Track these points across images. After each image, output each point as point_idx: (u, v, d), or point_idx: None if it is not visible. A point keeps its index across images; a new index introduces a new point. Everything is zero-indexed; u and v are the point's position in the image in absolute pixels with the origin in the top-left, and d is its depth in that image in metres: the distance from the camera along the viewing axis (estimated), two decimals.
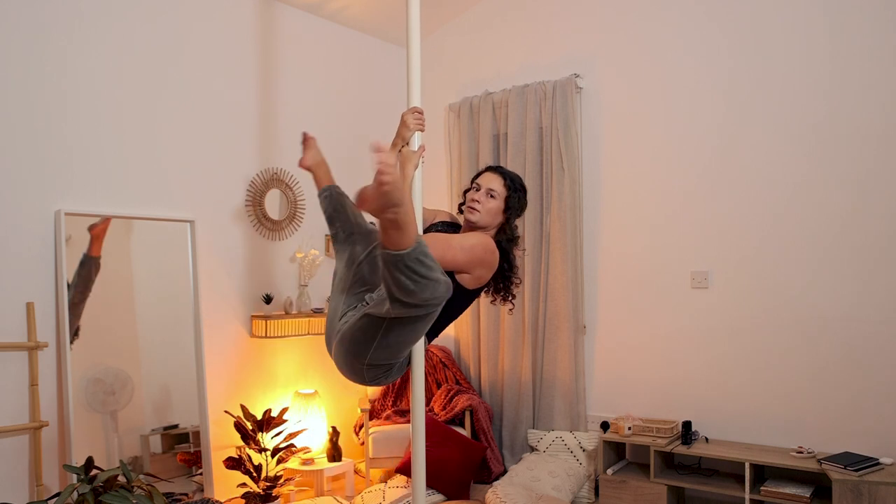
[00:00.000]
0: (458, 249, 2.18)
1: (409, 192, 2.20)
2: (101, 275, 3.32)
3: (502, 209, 2.32)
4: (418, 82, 2.24)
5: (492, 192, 2.30)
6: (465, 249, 2.19)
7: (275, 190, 4.12)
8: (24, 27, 3.03)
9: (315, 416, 3.96)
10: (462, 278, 2.22)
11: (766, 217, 3.63)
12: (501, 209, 2.32)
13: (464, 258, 2.19)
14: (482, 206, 2.29)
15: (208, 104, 3.77)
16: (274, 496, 3.47)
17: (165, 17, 3.57)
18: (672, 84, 3.93)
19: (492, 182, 2.32)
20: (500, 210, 2.32)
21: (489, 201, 2.29)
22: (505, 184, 2.32)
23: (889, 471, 3.08)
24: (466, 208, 2.32)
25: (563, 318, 4.14)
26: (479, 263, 2.22)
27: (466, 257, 2.19)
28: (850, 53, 3.40)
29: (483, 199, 2.29)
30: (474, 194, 2.32)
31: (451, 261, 2.17)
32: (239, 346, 3.91)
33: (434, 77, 4.81)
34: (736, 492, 3.37)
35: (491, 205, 2.29)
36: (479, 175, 2.38)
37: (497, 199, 2.30)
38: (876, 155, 3.34)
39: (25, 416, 2.99)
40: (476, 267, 2.22)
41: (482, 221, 2.29)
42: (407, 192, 2.19)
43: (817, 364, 3.47)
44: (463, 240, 2.22)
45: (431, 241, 2.16)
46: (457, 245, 2.18)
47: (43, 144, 3.09)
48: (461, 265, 2.20)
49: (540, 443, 4.07)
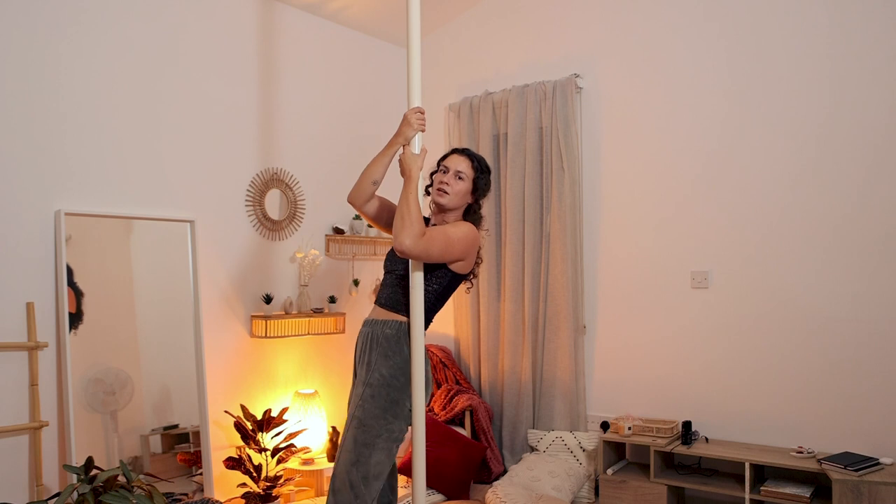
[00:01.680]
0: (456, 242, 2.25)
1: (417, 194, 2.23)
2: (101, 275, 3.32)
3: (470, 190, 2.38)
4: (418, 82, 2.25)
5: (459, 173, 2.34)
6: (462, 241, 2.26)
7: (275, 190, 4.12)
8: (24, 27, 3.03)
9: (315, 416, 3.96)
10: (456, 266, 2.31)
11: (766, 217, 3.63)
12: (469, 190, 2.37)
13: (461, 249, 2.27)
14: (451, 189, 2.34)
15: (208, 104, 3.77)
16: (274, 496, 3.48)
17: (165, 17, 3.57)
18: (672, 84, 3.93)
19: (459, 164, 2.36)
20: (468, 191, 2.38)
21: (457, 183, 2.34)
22: (472, 165, 2.37)
23: (889, 471, 3.08)
24: (435, 191, 2.37)
25: (563, 318, 4.14)
26: (472, 250, 2.31)
27: (463, 248, 2.27)
28: (851, 53, 3.40)
29: (452, 181, 2.34)
30: (442, 176, 2.36)
31: (451, 254, 2.25)
32: (239, 346, 3.91)
33: (434, 77, 4.81)
34: (736, 492, 3.37)
35: (459, 187, 2.34)
36: (445, 157, 2.42)
37: (465, 180, 2.35)
38: (876, 155, 3.34)
39: (25, 416, 2.99)
40: (469, 254, 2.32)
41: (451, 203, 2.35)
42: (414, 193, 2.22)
43: (817, 364, 3.47)
44: (456, 231, 2.28)
45: (435, 236, 2.23)
46: (455, 239, 2.25)
47: (43, 144, 3.09)
48: (459, 256, 2.27)
49: (540, 443, 4.07)
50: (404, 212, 2.17)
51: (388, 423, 2.24)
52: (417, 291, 2.23)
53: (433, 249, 2.20)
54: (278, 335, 3.90)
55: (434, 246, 2.20)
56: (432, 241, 2.20)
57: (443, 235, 2.24)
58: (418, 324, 2.24)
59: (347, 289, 4.52)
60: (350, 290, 4.51)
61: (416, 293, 2.23)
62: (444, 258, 2.25)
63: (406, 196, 2.20)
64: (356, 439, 2.23)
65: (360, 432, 2.23)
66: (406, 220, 2.16)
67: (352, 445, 2.22)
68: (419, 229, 2.16)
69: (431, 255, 2.20)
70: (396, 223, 2.17)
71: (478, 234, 2.36)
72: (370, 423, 2.23)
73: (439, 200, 2.36)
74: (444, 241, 2.23)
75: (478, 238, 2.35)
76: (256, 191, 4.00)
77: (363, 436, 2.22)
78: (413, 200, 2.20)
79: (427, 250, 2.18)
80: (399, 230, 2.15)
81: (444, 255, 2.24)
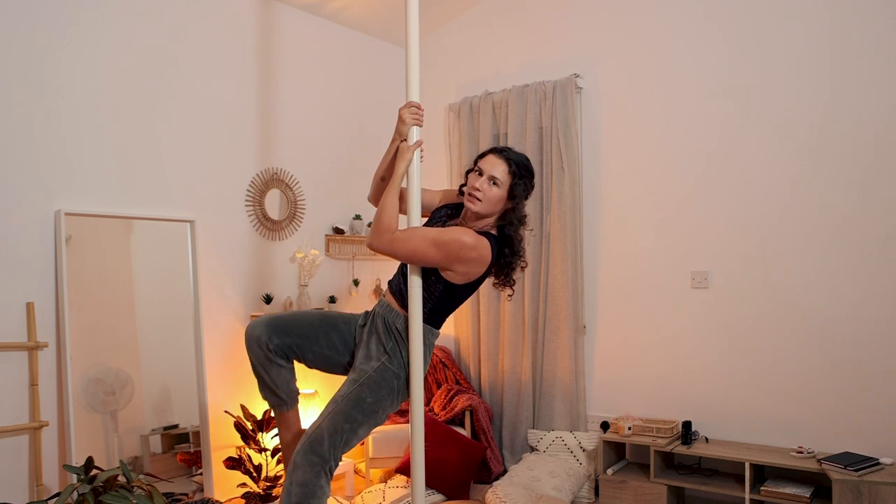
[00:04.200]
0: (430, 245, 2.06)
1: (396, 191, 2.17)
2: (101, 275, 3.32)
3: (505, 197, 2.15)
4: (417, 82, 2.24)
5: (494, 179, 2.13)
6: (438, 245, 2.06)
7: (275, 190, 4.12)
8: (24, 27, 3.03)
9: (315, 416, 3.96)
10: (447, 275, 2.12)
11: (766, 217, 3.63)
12: (504, 197, 2.15)
13: (437, 255, 2.06)
14: (483, 195, 2.13)
15: (208, 104, 3.77)
16: (274, 496, 3.48)
17: (165, 17, 3.57)
18: (672, 84, 3.93)
19: (495, 168, 2.14)
20: (503, 198, 2.15)
21: (491, 189, 2.13)
22: (509, 170, 2.14)
23: (889, 471, 3.08)
24: (467, 196, 2.17)
25: (563, 318, 4.13)
26: (456, 259, 2.07)
27: (440, 254, 2.06)
28: (851, 52, 3.40)
29: (485, 186, 2.13)
30: (475, 180, 2.15)
31: (424, 257, 2.08)
32: (239, 346, 3.91)
33: (434, 77, 4.81)
34: (736, 492, 3.37)
35: (492, 193, 2.13)
36: (482, 157, 2.21)
37: (500, 186, 2.13)
38: (875, 155, 3.34)
39: (25, 416, 2.99)
40: (455, 263, 2.08)
41: (483, 211, 2.15)
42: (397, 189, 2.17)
43: (817, 364, 3.47)
44: (437, 234, 2.08)
45: (407, 236, 2.10)
46: (430, 241, 2.06)
47: (43, 144, 3.09)
48: (438, 262, 2.08)
49: (540, 443, 4.07)
50: (382, 209, 2.13)
51: (384, 407, 2.18)
52: (416, 292, 2.18)
53: (399, 248, 2.08)
54: None
55: (401, 245, 2.08)
56: (400, 241, 2.08)
57: (419, 237, 2.09)
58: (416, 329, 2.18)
59: (347, 289, 4.52)
60: (350, 290, 4.51)
61: (414, 293, 2.18)
62: (413, 259, 2.10)
63: (386, 192, 2.15)
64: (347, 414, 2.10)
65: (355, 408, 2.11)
66: (376, 217, 2.14)
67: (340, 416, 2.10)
68: (384, 225, 2.10)
69: (398, 253, 2.09)
70: (373, 223, 2.17)
71: (472, 244, 2.08)
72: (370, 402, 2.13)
73: (470, 207, 2.15)
74: (418, 242, 2.07)
75: (469, 248, 2.07)
76: (256, 191, 4.00)
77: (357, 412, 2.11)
78: (388, 196, 2.13)
79: (392, 248, 2.08)
80: (373, 230, 2.15)
81: (412, 256, 2.09)
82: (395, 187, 2.16)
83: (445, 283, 2.15)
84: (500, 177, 2.14)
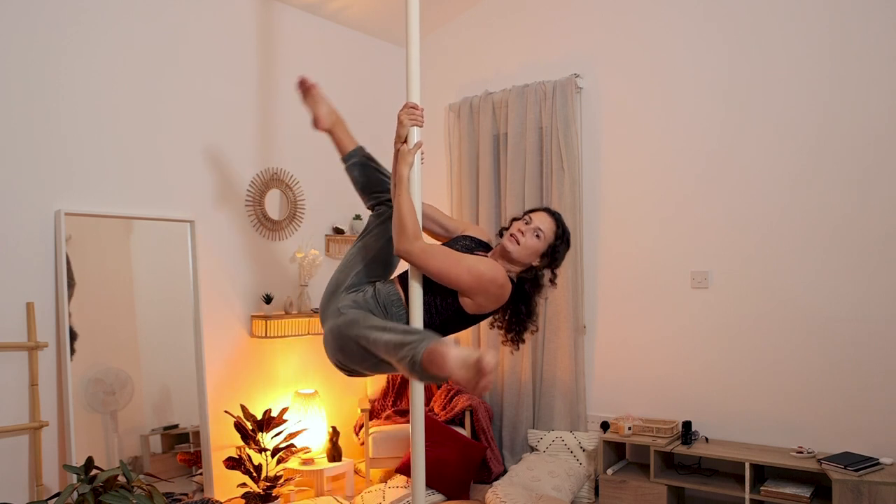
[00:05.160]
0: (464, 270, 2.10)
1: (408, 193, 2.16)
2: (101, 275, 3.32)
3: (541, 252, 2.22)
4: (418, 82, 2.23)
5: (539, 231, 2.19)
6: (473, 274, 2.10)
7: (275, 190, 4.12)
8: (24, 27, 3.03)
9: (315, 416, 3.96)
10: (464, 301, 2.16)
11: (766, 217, 3.63)
12: (539, 252, 2.22)
13: (468, 281, 2.10)
14: (524, 241, 2.18)
15: (208, 104, 3.77)
16: (274, 496, 3.47)
17: (165, 17, 3.57)
18: (672, 84, 3.93)
19: (544, 222, 2.22)
20: (539, 253, 2.22)
21: (533, 239, 2.19)
22: (556, 231, 2.23)
23: (889, 471, 3.08)
24: (508, 236, 2.22)
25: (563, 318, 4.13)
26: (481, 292, 2.13)
27: (471, 282, 2.10)
28: (851, 52, 3.40)
29: (529, 234, 2.19)
30: (521, 225, 2.21)
31: (455, 280, 2.10)
32: (239, 346, 3.91)
33: (434, 77, 4.80)
34: (736, 492, 3.37)
35: (533, 243, 2.19)
36: (534, 210, 2.28)
37: (542, 240, 2.20)
38: (875, 155, 3.34)
39: (25, 416, 2.99)
40: (478, 294, 2.13)
41: (517, 256, 2.19)
42: (405, 193, 2.17)
43: (817, 364, 3.47)
44: (475, 263, 2.13)
45: (441, 254, 2.12)
46: (465, 267, 2.11)
47: (42, 144, 3.09)
48: (464, 288, 2.12)
49: (540, 443, 4.07)
50: (400, 214, 2.11)
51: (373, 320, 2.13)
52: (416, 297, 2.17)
53: (433, 263, 2.08)
54: (278, 335, 3.90)
55: (435, 261, 2.09)
56: (434, 256, 2.09)
57: (453, 257, 2.12)
58: None
59: None
60: None
61: (415, 298, 2.17)
62: (443, 278, 2.10)
63: (398, 198, 2.14)
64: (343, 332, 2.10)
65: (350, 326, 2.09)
66: (402, 222, 2.10)
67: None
68: (414, 231, 2.10)
69: (430, 267, 2.09)
70: (394, 228, 2.13)
71: (501, 281, 2.14)
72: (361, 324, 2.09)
73: (508, 247, 2.19)
74: (451, 262, 2.10)
75: (497, 285, 2.13)
76: (256, 191, 4.00)
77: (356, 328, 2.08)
78: (405, 202, 2.12)
79: (426, 260, 2.08)
80: (398, 235, 2.11)
81: (443, 275, 2.10)
82: (404, 191, 2.15)
83: (457, 307, 2.17)
84: (545, 231, 2.21)
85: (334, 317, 2.17)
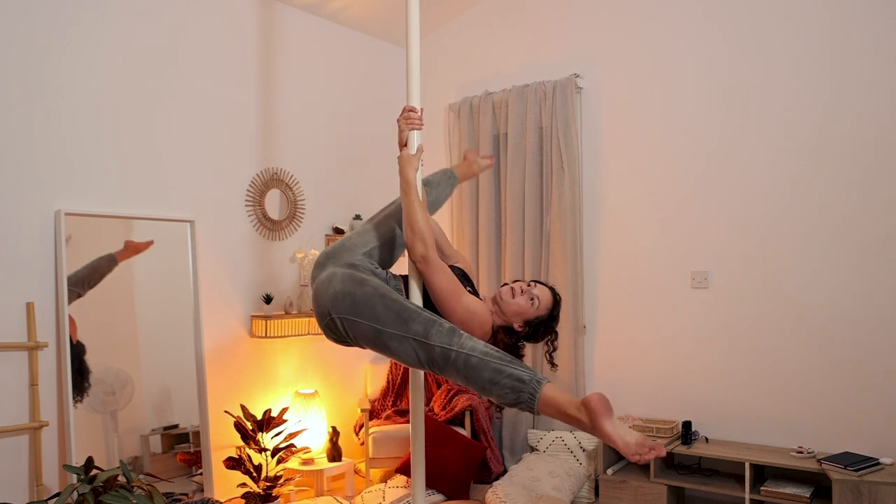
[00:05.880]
0: (460, 304, 2.13)
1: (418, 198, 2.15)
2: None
3: (527, 318, 2.23)
4: (418, 82, 2.23)
5: (537, 298, 2.22)
6: (466, 310, 2.14)
7: (275, 190, 4.12)
8: (24, 27, 3.03)
9: (315, 416, 3.96)
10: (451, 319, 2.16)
11: (766, 217, 3.63)
12: (526, 318, 2.23)
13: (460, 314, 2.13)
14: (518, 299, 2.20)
15: (208, 104, 3.77)
16: (274, 496, 3.47)
17: (165, 17, 3.57)
18: (672, 84, 3.93)
19: (543, 294, 2.24)
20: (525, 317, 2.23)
21: (527, 302, 2.21)
22: (551, 308, 2.26)
23: (889, 471, 3.08)
24: (506, 289, 2.24)
25: (564, 318, 4.08)
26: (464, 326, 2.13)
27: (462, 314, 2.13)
28: (851, 52, 3.40)
29: (526, 295, 2.21)
30: (523, 285, 2.24)
31: (447, 307, 2.13)
32: (239, 346, 3.91)
33: (434, 77, 4.80)
34: (736, 492, 3.37)
35: (525, 305, 2.20)
36: (540, 282, 2.31)
37: (534, 308, 2.22)
38: (875, 155, 3.34)
39: (25, 416, 2.99)
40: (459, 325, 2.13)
41: (506, 309, 2.21)
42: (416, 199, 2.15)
43: (817, 364, 3.47)
44: (472, 303, 2.16)
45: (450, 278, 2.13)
46: (463, 303, 2.14)
47: (42, 144, 3.09)
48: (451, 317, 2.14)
49: (540, 443, 4.07)
50: (411, 220, 2.10)
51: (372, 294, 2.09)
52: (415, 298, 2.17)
53: (438, 277, 2.10)
54: (278, 335, 3.90)
55: (441, 277, 2.11)
56: (442, 272, 2.12)
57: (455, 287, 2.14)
58: None
59: None
60: None
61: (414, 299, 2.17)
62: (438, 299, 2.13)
63: (407, 204, 2.13)
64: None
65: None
66: (416, 227, 2.10)
67: None
68: (429, 237, 2.10)
69: (434, 283, 2.11)
70: (406, 233, 2.12)
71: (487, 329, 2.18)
72: None
73: (503, 296, 2.21)
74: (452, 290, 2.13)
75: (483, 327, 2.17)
76: (256, 191, 4.00)
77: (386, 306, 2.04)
78: (416, 207, 2.11)
79: (435, 273, 2.10)
80: (411, 240, 2.11)
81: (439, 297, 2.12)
82: (414, 196, 2.14)
83: None
84: (543, 303, 2.23)
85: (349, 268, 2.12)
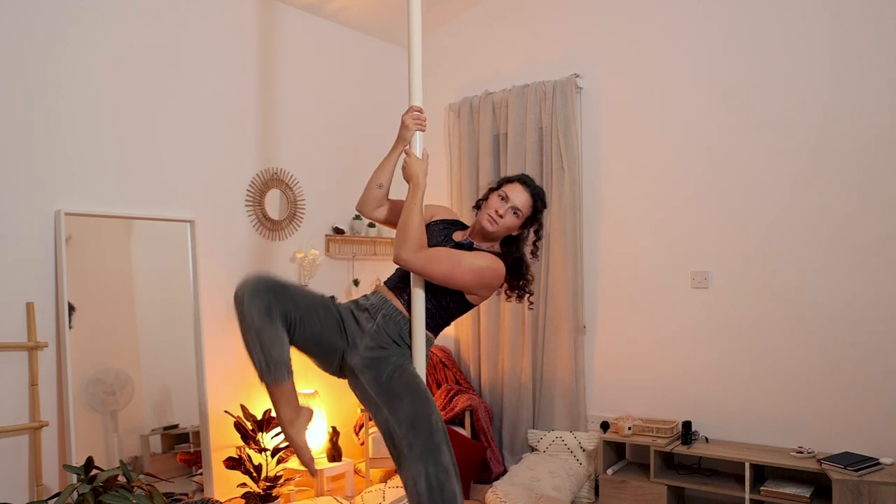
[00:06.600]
0: (467, 271, 2.13)
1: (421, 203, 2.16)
2: (101, 275, 3.32)
3: (519, 226, 2.27)
4: (419, 82, 2.23)
5: (517, 210, 2.23)
6: (475, 272, 2.14)
7: (275, 190, 4.12)
8: (24, 27, 3.03)
9: (315, 416, 3.95)
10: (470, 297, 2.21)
11: (766, 217, 3.63)
12: (518, 226, 2.27)
13: (471, 281, 2.14)
14: (502, 222, 2.22)
15: (208, 104, 3.77)
16: (274, 496, 3.48)
17: (165, 17, 3.57)
18: (672, 84, 3.93)
19: (520, 198, 2.23)
20: (517, 227, 2.27)
21: (511, 217, 2.23)
22: (531, 204, 2.26)
23: (889, 471, 3.08)
24: (487, 217, 2.23)
25: (563, 318, 4.13)
26: (484, 286, 2.19)
27: (474, 280, 2.15)
28: (851, 52, 3.40)
29: (507, 214, 2.22)
30: (499, 204, 2.23)
31: (459, 282, 2.13)
32: (239, 346, 3.89)
33: (434, 77, 4.80)
34: (736, 492, 3.37)
35: (511, 221, 2.23)
36: (509, 182, 2.29)
37: (519, 217, 2.25)
38: (875, 155, 3.34)
39: (25, 416, 2.99)
40: (481, 289, 2.20)
41: (498, 234, 2.24)
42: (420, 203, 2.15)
43: (817, 364, 3.47)
44: (473, 260, 2.15)
45: (442, 257, 2.12)
46: (467, 266, 2.13)
47: (42, 144, 3.09)
48: (468, 288, 2.16)
49: (540, 443, 4.07)
50: (406, 223, 2.11)
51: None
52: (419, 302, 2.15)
53: (435, 269, 2.09)
54: None
55: (437, 266, 2.09)
56: (436, 261, 2.10)
57: (452, 260, 2.13)
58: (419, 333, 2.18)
59: (347, 289, 4.52)
60: (350, 290, 4.51)
61: (417, 303, 2.15)
62: (448, 282, 2.12)
63: (410, 206, 2.13)
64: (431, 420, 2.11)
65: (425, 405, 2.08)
66: (406, 232, 2.10)
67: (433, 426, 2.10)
68: (418, 242, 2.09)
69: (433, 274, 2.09)
70: (398, 234, 2.13)
71: (501, 272, 2.20)
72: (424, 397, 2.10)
73: (486, 227, 2.22)
74: (452, 265, 2.11)
75: (497, 277, 2.19)
76: (256, 191, 4.00)
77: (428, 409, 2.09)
78: (416, 212, 2.11)
79: (427, 267, 2.09)
80: (398, 242, 2.10)
81: (448, 280, 2.11)
82: (417, 201, 2.14)
83: (459, 301, 2.21)
84: (522, 209, 2.24)
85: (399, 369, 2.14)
